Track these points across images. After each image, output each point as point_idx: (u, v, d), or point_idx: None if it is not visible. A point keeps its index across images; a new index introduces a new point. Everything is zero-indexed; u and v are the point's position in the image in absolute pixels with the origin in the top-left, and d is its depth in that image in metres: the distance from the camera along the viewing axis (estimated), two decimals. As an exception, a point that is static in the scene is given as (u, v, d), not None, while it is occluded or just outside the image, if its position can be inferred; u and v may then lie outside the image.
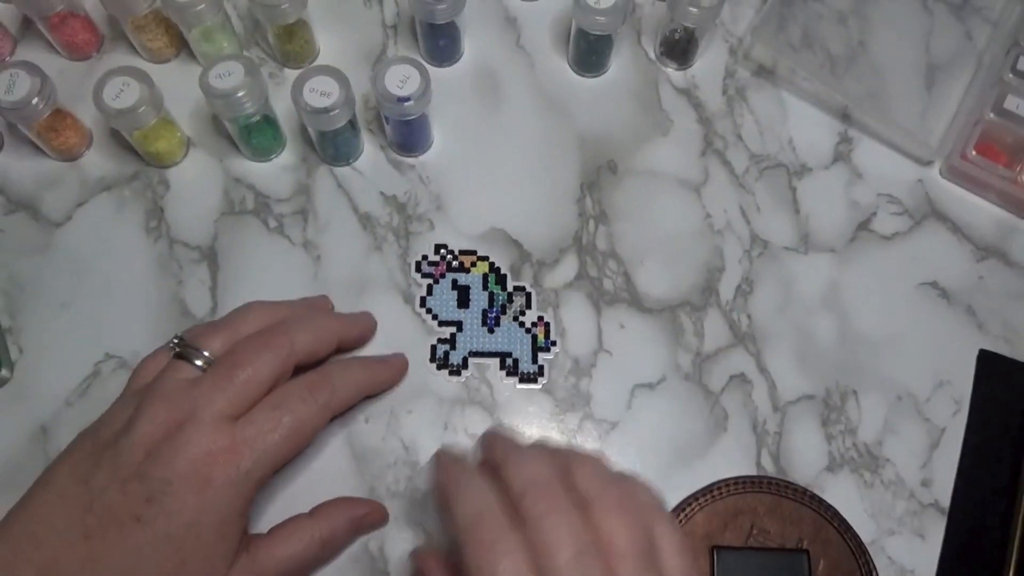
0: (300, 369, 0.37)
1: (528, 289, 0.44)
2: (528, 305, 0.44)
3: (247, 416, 0.33)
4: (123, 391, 0.36)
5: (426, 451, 0.40)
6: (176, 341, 0.36)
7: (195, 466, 0.32)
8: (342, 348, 0.40)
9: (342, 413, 0.39)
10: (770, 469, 0.41)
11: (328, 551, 0.37)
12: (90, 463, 0.33)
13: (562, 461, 0.31)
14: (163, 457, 0.32)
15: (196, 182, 0.46)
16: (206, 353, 0.35)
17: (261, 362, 0.34)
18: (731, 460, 0.40)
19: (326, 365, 0.39)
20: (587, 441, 0.41)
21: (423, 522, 0.39)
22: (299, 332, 0.37)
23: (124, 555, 0.31)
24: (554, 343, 0.43)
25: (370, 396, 0.41)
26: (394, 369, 0.42)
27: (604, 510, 0.29)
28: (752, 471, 0.41)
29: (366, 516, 0.38)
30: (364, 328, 0.42)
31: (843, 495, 0.40)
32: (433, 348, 0.43)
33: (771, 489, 0.40)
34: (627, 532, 0.29)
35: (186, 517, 0.31)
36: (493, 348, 0.43)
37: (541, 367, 0.42)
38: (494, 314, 0.44)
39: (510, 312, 0.44)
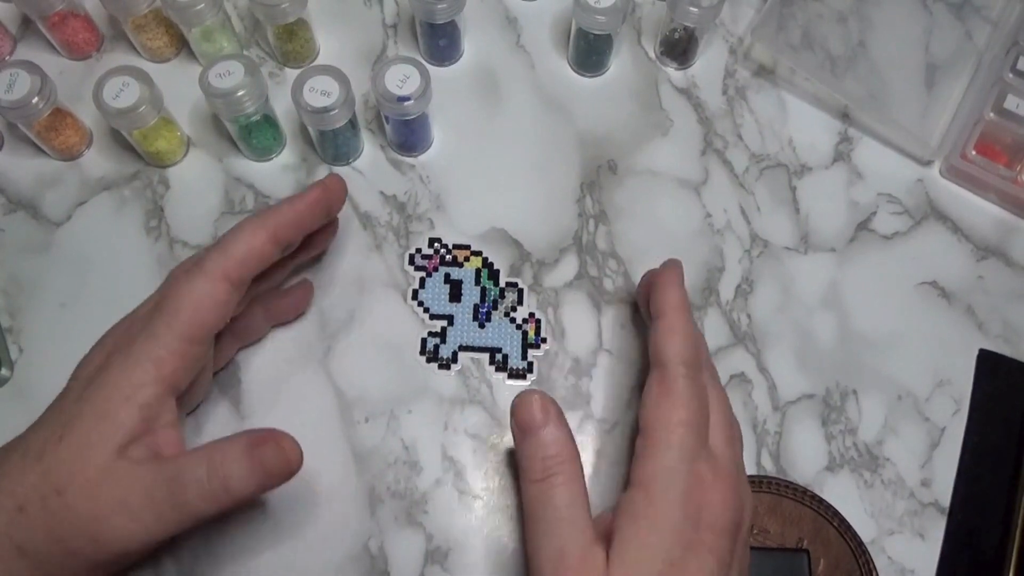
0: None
1: (520, 285, 0.44)
2: (520, 301, 0.44)
3: None
4: None
5: (426, 451, 0.40)
6: None
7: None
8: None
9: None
10: (770, 469, 0.41)
11: (222, 495, 0.32)
12: None
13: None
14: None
15: (196, 182, 0.46)
16: None
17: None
18: (731, 460, 0.40)
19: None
20: (587, 441, 0.41)
21: (423, 522, 0.39)
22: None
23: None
24: (544, 340, 0.43)
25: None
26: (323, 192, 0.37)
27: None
28: (752, 471, 0.41)
29: (263, 442, 0.32)
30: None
31: (843, 495, 0.40)
32: (424, 341, 0.43)
33: (771, 489, 0.40)
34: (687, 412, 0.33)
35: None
36: (483, 343, 0.43)
37: (531, 363, 0.42)
38: (485, 309, 0.44)
39: (501, 308, 0.44)
